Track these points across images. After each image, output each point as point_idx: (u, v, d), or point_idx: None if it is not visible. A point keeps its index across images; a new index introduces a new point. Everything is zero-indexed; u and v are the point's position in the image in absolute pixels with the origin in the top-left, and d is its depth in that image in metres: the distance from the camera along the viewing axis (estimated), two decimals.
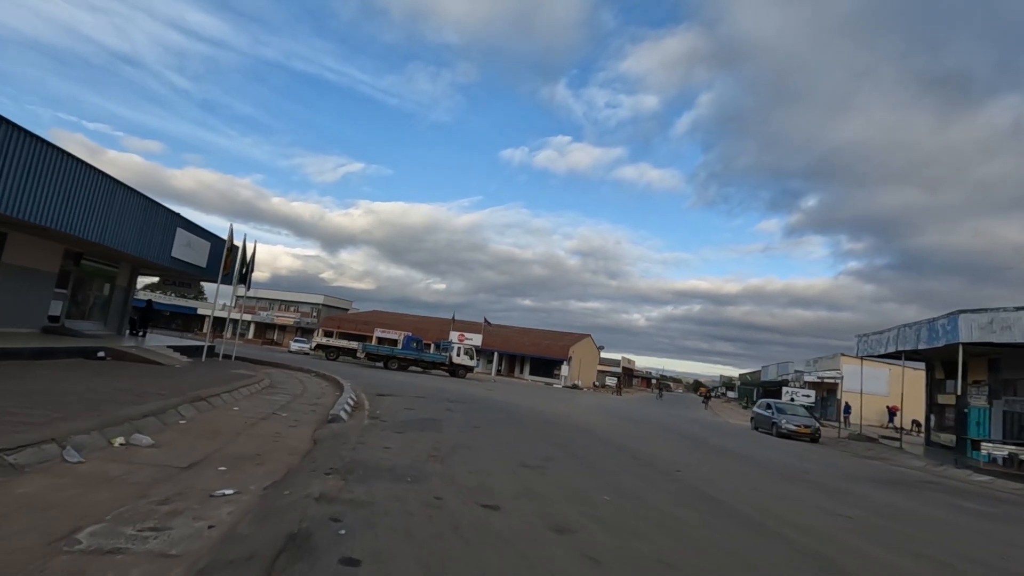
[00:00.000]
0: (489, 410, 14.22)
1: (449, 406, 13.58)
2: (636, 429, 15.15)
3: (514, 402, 18.97)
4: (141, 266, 18.69)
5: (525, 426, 11.43)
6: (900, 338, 20.61)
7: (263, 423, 7.88)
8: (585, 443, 9.77)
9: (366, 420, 9.16)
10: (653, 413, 26.12)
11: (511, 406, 16.78)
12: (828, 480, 9.32)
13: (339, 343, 37.04)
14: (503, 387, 30.36)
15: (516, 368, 55.59)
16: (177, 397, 8.16)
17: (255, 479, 4.81)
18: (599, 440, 10.65)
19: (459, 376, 35.31)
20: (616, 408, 26.15)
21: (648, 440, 12.37)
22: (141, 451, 5.39)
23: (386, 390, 16.35)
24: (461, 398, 16.93)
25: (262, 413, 8.78)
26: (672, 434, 15.13)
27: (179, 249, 16.48)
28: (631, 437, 12.36)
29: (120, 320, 18.98)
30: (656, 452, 9.97)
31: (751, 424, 23.44)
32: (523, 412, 15.21)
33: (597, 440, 10.61)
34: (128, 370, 11.48)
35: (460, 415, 11.84)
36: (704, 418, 29.08)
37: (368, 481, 4.87)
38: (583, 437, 10.78)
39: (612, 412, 22.21)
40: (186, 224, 16.91)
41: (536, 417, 14.23)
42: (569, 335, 58.47)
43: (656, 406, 35.92)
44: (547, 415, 15.45)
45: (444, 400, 15.22)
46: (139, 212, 14.09)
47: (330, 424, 8.25)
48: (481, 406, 15.11)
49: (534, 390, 32.89)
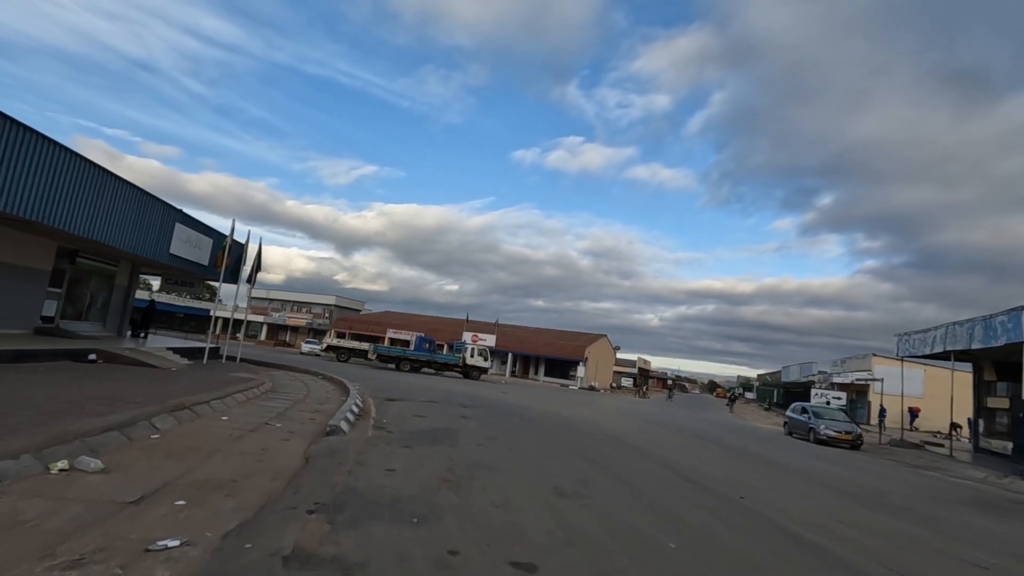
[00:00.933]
0: (507, 416, 13.07)
1: (463, 412, 12.46)
2: (669, 437, 13.88)
3: (532, 406, 17.80)
4: (141, 264, 17.88)
5: (549, 435, 10.26)
6: (949, 337, 19.02)
7: (251, 436, 6.81)
8: (621, 457, 8.56)
9: (370, 431, 8.06)
10: (679, 417, 24.76)
11: (530, 411, 15.62)
12: (914, 504, 7.98)
13: (350, 344, 36.18)
14: (518, 389, 29.20)
15: (530, 369, 54.35)
16: (155, 405, 7.13)
17: (216, 520, 3.71)
18: (634, 452, 9.44)
19: (473, 378, 34.22)
20: (639, 412, 24.84)
21: (687, 451, 11.11)
22: (83, 479, 4.33)
23: (396, 394, 15.29)
24: (476, 402, 15.81)
25: (253, 423, 7.73)
26: (708, 442, 13.84)
27: (178, 246, 15.59)
28: (667, 447, 11.12)
29: (120, 321, 18.19)
30: (703, 467, 8.73)
31: (784, 429, 21.98)
32: (543, 417, 14.04)
33: (632, 452, 9.40)
34: (116, 374, 10.54)
35: (476, 423, 10.71)
36: (731, 422, 27.63)
37: (361, 523, 3.75)
38: (615, 448, 9.58)
39: (637, 416, 20.93)
40: (186, 219, 16.02)
41: (558, 423, 13.05)
42: (585, 335, 57.08)
43: (678, 409, 34.48)
44: (569, 421, 14.26)
45: (457, 405, 14.11)
46: (133, 206, 13.19)
47: (328, 437, 7.15)
48: (498, 411, 13.97)
49: (550, 392, 31.67)
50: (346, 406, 9.92)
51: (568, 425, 13.02)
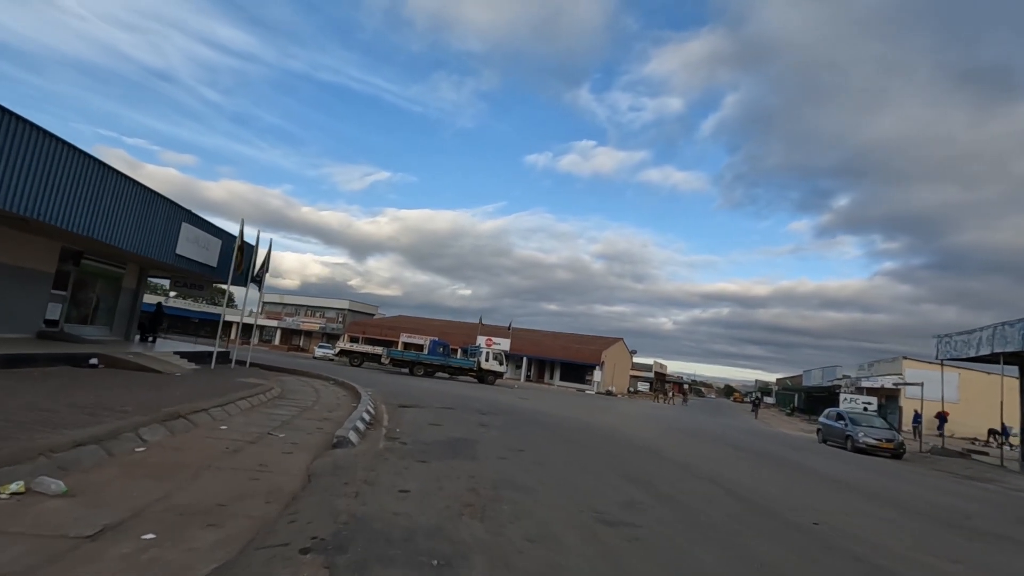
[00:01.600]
0: (528, 424, 12.25)
1: (482, 419, 11.67)
2: (703, 447, 12.93)
3: (553, 412, 16.94)
4: (148, 266, 17.43)
5: (577, 446, 9.40)
6: (998, 338, 17.76)
7: (249, 449, 6.09)
8: (662, 473, 7.67)
9: (382, 442, 7.30)
10: (706, 424, 23.68)
11: (551, 417, 14.77)
12: (1005, 528, 6.96)
13: (363, 348, 35.64)
14: (535, 394, 28.34)
15: (546, 373, 53.38)
16: (145, 415, 6.46)
17: (187, 563, 2.96)
18: (674, 466, 8.54)
19: (488, 382, 33.43)
20: (664, 418, 23.82)
21: (729, 463, 10.18)
22: (39, 505, 3.61)
23: (410, 400, 14.55)
24: (494, 408, 15.01)
25: (254, 433, 7.02)
26: (746, 452, 12.86)
27: (185, 246, 15.06)
28: (706, 459, 10.19)
29: (128, 325, 17.74)
30: (754, 484, 7.82)
31: (818, 436, 20.81)
32: (567, 425, 13.19)
33: (672, 466, 8.50)
34: (114, 379, 9.94)
35: (496, 432, 9.90)
36: (759, 428, 26.45)
37: (368, 569, 2.97)
38: (653, 462, 8.69)
39: (663, 423, 19.95)
40: (193, 219, 15.51)
41: (584, 432, 12.19)
42: (601, 339, 56.00)
43: (701, 415, 33.30)
44: (595, 428, 13.39)
45: (475, 412, 13.32)
46: (136, 203, 12.66)
47: (334, 450, 6.41)
48: (518, 418, 13.15)
49: (568, 397, 30.75)
50: (356, 414, 9.19)
51: (594, 434, 12.16)
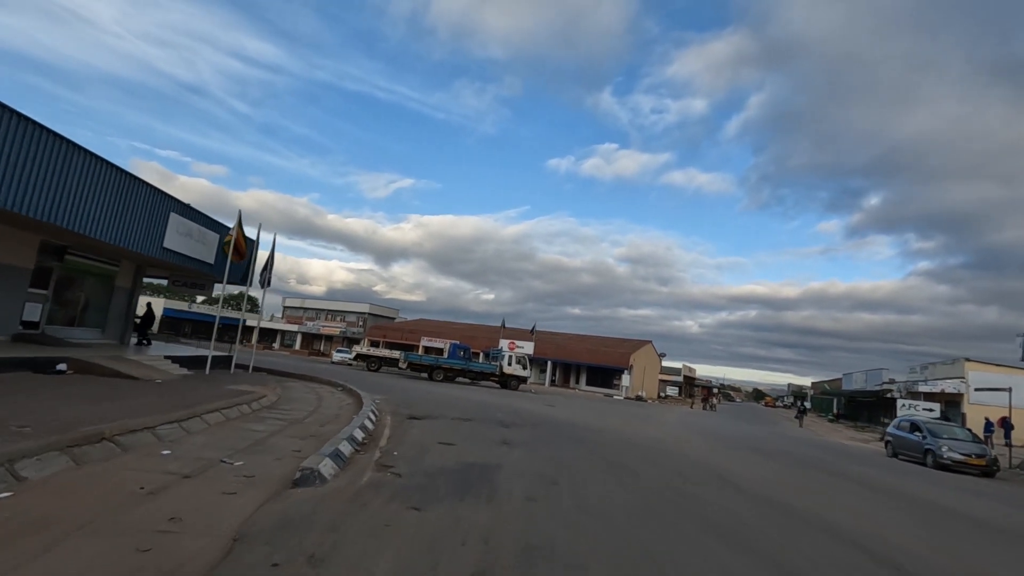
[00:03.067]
0: (560, 438, 10.30)
1: (504, 434, 9.78)
2: (777, 469, 10.76)
3: (585, 423, 14.93)
4: (142, 263, 16.10)
5: (629, 473, 7.38)
6: None
7: (178, 487, 4.33)
8: (763, 523, 5.41)
9: (368, 474, 5.47)
10: (757, 435, 21.26)
11: (585, 430, 12.78)
12: None
13: (381, 353, 34.14)
14: (561, 401, 26.29)
15: (571, 378, 51.17)
16: (48, 436, 4.77)
17: None
18: (769, 507, 6.40)
19: (511, 388, 31.53)
20: (710, 429, 21.50)
21: (826, 495, 8.04)
22: None
23: (422, 409, 12.77)
24: (517, 418, 13.11)
25: (203, 461, 5.28)
26: (832, 476, 10.66)
27: (175, 239, 13.62)
28: (796, 490, 8.02)
29: (123, 327, 16.44)
30: (885, 532, 5.71)
31: (886, 450, 18.25)
32: (606, 440, 11.19)
33: (767, 507, 6.35)
34: (70, 388, 8.40)
35: (521, 452, 7.99)
36: (813, 439, 23.83)
37: None
38: (738, 500, 6.58)
39: (711, 435, 17.70)
40: (184, 210, 14.08)
41: (629, 449, 10.18)
42: (629, 342, 53.53)
43: (745, 423, 30.70)
44: (640, 444, 11.36)
45: (496, 423, 11.44)
46: (113, 189, 11.22)
47: (296, 489, 4.58)
48: (547, 431, 11.22)
49: (597, 404, 28.60)
50: (348, 431, 7.40)
51: (641, 451, 10.13)
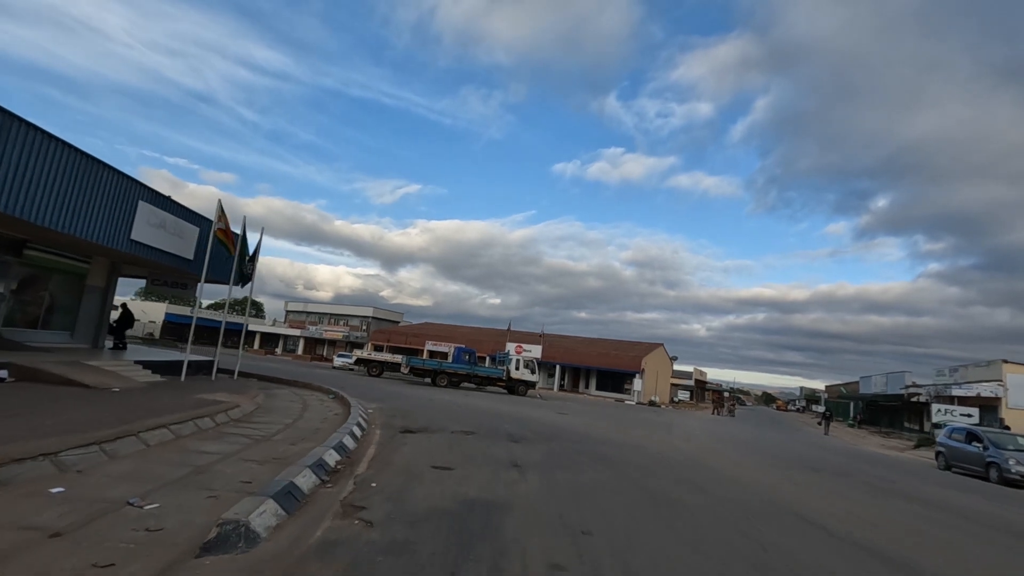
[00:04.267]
0: (581, 458, 8.72)
1: (513, 452, 8.23)
2: (847, 495, 9.13)
3: (605, 434, 13.34)
4: (116, 259, 14.72)
5: (683, 516, 5.73)
6: None
7: (36, 550, 2.81)
8: None
9: (326, 522, 3.93)
10: (791, 445, 19.53)
11: (606, 444, 11.19)
12: None
13: (382, 357, 32.67)
14: (574, 407, 24.66)
15: (580, 382, 49.47)
16: None
17: None
18: (876, 560, 4.84)
19: (519, 393, 29.93)
20: (737, 437, 19.80)
21: (935, 539, 6.43)
22: None
23: (420, 419, 11.24)
24: (528, 430, 11.56)
25: (106, 502, 3.78)
26: (915, 503, 9.01)
27: (145, 231, 12.21)
28: (892, 530, 6.40)
29: (95, 330, 15.06)
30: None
31: (938, 461, 16.49)
32: (634, 458, 9.60)
33: (871, 561, 4.80)
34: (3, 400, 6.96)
35: (536, 479, 6.43)
36: (846, 447, 22.04)
37: None
38: (832, 552, 4.99)
39: (751, 448, 16.03)
40: (157, 199, 12.68)
41: (665, 470, 8.59)
42: (640, 345, 51.75)
43: (768, 429, 28.90)
44: (676, 463, 9.76)
45: (503, 437, 9.89)
46: (67, 171, 9.82)
47: (204, 560, 3.04)
48: (564, 447, 9.65)
49: (611, 410, 26.95)
50: (317, 453, 5.87)
51: (685, 476, 8.53)
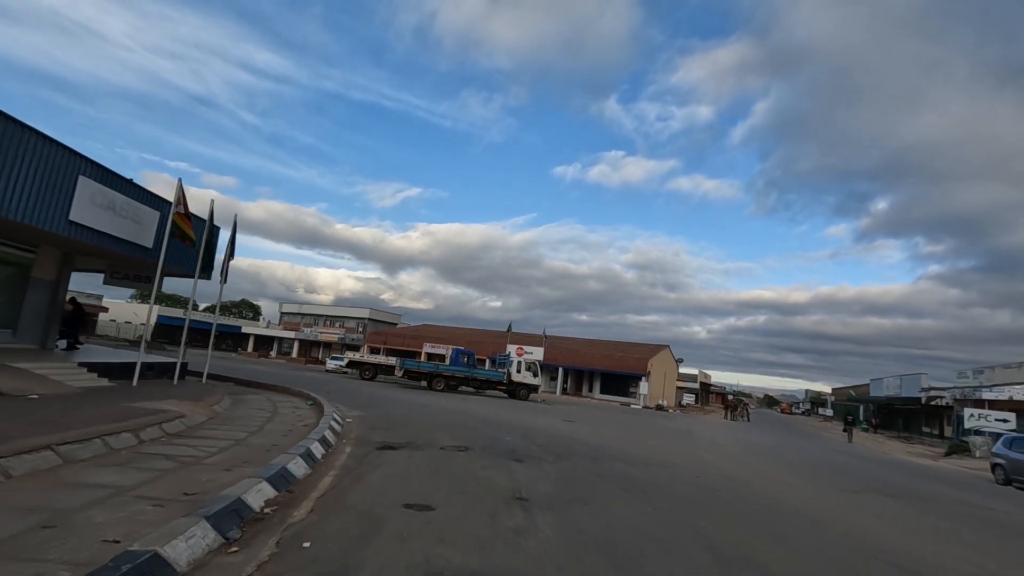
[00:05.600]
0: (603, 484, 6.97)
1: (517, 479, 6.48)
2: (953, 535, 7.40)
3: (623, 448, 11.57)
4: (68, 249, 12.99)
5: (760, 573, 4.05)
6: None
7: None
8: None
9: None
10: (827, 455, 17.75)
11: (628, 462, 9.42)
12: None
13: (375, 360, 30.92)
14: (579, 412, 22.88)
15: (584, 385, 47.66)
16: None
17: None
18: None
19: (520, 397, 28.17)
20: (772, 449, 18.03)
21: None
22: None
23: (404, 430, 9.49)
24: (533, 443, 9.80)
25: None
26: (996, 528, 7.27)
27: (87, 212, 10.49)
28: None
29: (44, 327, 13.33)
30: None
31: (995, 475, 14.71)
32: (670, 483, 7.84)
33: None
34: None
35: (552, 524, 4.68)
36: (882, 456, 20.24)
37: None
38: None
39: (796, 464, 14.27)
40: (104, 175, 10.96)
41: (718, 505, 6.84)
42: (645, 346, 49.97)
43: (790, 436, 27.10)
44: (723, 491, 7.99)
45: (504, 454, 8.14)
46: None
47: None
48: (580, 470, 7.89)
49: (619, 416, 25.17)
50: (242, 488, 4.11)
51: (744, 512, 6.78)
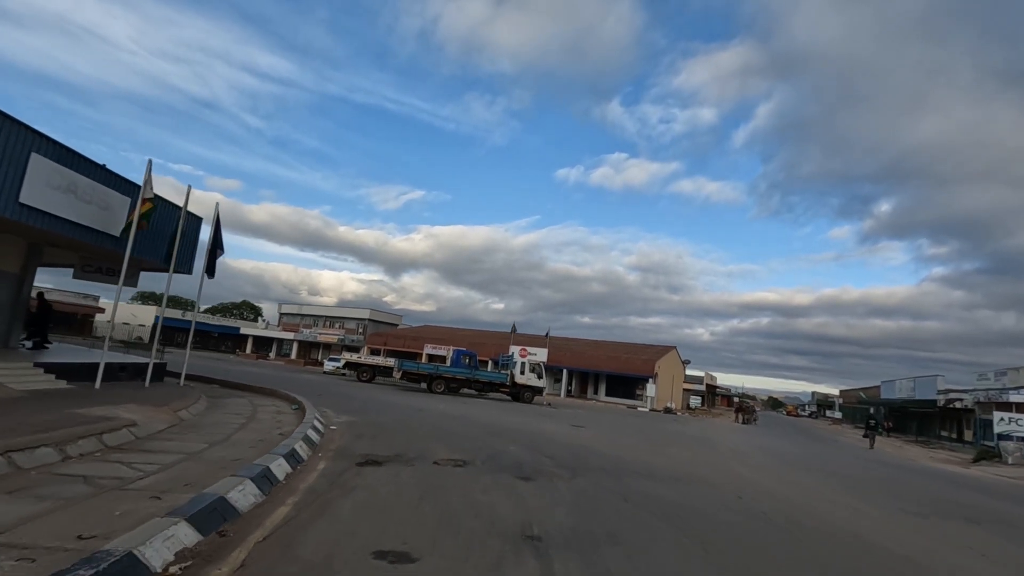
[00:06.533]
0: (633, 509, 5.78)
1: (525, 507, 5.31)
2: (1006, 548, 6.18)
3: (643, 460, 10.36)
4: (36, 239, 11.87)
5: None
6: None
7: None
8: None
9: None
10: (865, 467, 16.49)
11: (654, 476, 8.21)
12: None
13: (372, 361, 29.80)
14: (588, 417, 21.67)
15: (589, 387, 46.42)
16: None
17: None
18: None
19: (524, 400, 27.01)
20: (791, 455, 16.78)
21: None
22: None
23: (395, 440, 8.31)
24: (543, 454, 8.62)
25: None
26: None
27: (42, 194, 9.36)
28: None
29: (7, 325, 12.22)
30: None
31: None
32: (709, 508, 6.64)
33: None
34: None
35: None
36: (921, 466, 18.94)
37: None
38: None
39: (822, 472, 13.03)
40: (60, 153, 9.83)
41: (772, 535, 5.63)
42: (652, 348, 48.70)
43: (818, 444, 25.82)
44: (765, 511, 6.79)
45: (509, 472, 6.96)
46: None
47: None
48: (600, 488, 6.70)
49: (629, 420, 23.94)
50: (150, 532, 2.93)
51: (819, 555, 5.59)
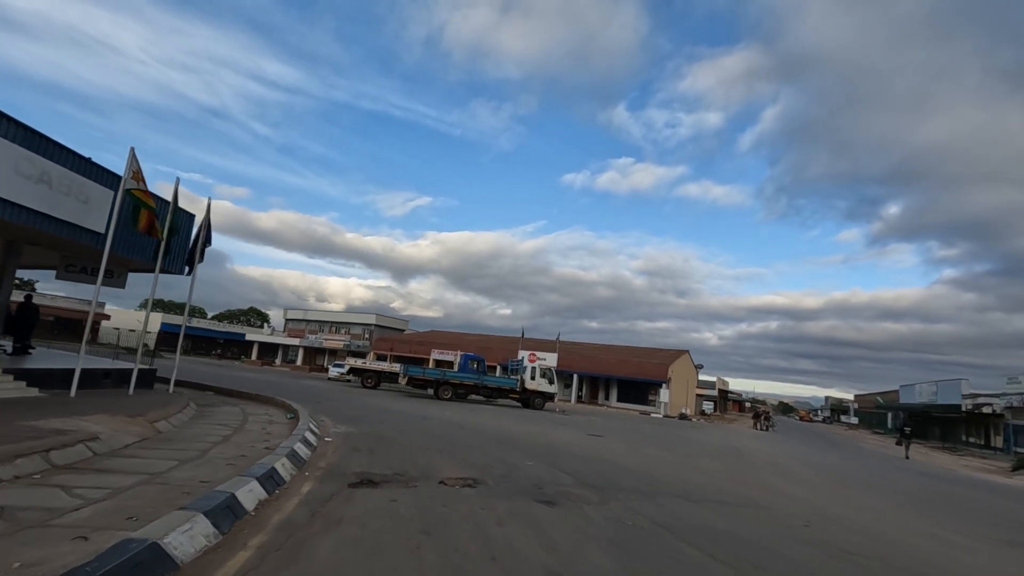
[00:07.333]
0: (687, 547, 4.72)
1: (551, 544, 4.28)
2: None
3: (675, 474, 9.28)
4: (15, 237, 11.02)
5: None
6: None
7: None
8: None
9: None
10: (907, 478, 15.27)
11: (693, 496, 7.14)
12: None
13: (377, 366, 28.85)
14: (605, 425, 20.54)
15: (599, 393, 45.19)
16: None
17: None
18: None
19: (535, 407, 25.90)
20: (830, 466, 15.60)
21: None
22: None
23: (395, 454, 7.30)
24: (563, 470, 7.58)
25: None
26: None
27: (9, 183, 8.49)
28: None
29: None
30: None
31: None
32: (778, 546, 5.57)
33: None
34: None
35: None
36: (961, 476, 17.67)
37: None
38: None
39: (853, 481, 11.87)
40: (30, 138, 8.96)
41: (850, 570, 4.56)
42: (664, 352, 47.41)
43: (848, 454, 24.52)
44: (848, 547, 5.71)
45: (526, 493, 5.93)
46: None
47: None
48: (640, 517, 5.65)
49: (645, 427, 22.78)
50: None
51: None
